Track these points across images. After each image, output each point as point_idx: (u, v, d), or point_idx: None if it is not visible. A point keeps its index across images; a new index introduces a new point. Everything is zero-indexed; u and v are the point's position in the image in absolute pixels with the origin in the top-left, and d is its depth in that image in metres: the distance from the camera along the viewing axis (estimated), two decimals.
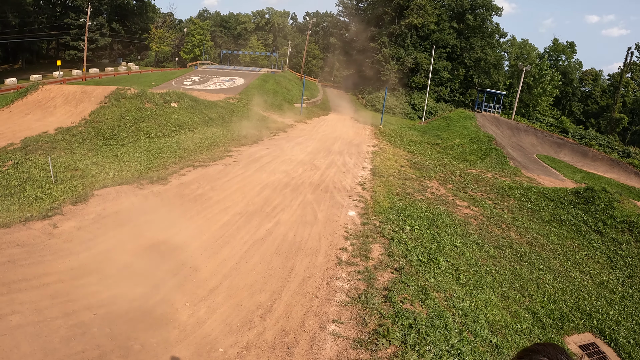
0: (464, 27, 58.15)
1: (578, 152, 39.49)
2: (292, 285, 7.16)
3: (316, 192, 13.13)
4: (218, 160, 15.79)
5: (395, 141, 28.81)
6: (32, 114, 22.40)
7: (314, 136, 25.55)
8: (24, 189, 11.25)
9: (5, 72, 51.73)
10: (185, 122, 22.26)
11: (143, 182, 11.79)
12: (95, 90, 23.69)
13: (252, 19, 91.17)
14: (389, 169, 18.16)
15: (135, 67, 65.47)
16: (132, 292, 6.30)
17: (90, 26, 55.20)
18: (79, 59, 58.10)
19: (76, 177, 12.44)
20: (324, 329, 5.87)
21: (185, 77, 48.00)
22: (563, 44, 68.29)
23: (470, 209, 14.54)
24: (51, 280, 6.36)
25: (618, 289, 10.60)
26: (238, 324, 5.78)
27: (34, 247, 7.37)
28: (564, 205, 15.64)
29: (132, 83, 36.00)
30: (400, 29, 55.35)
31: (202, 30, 78.79)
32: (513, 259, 10.71)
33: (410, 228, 10.72)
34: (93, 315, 5.55)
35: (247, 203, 11.31)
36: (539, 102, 58.69)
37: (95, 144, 17.31)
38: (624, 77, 60.61)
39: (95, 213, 9.34)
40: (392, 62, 53.55)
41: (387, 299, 6.77)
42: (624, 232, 13.80)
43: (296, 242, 9.08)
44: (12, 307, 5.47)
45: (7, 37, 50.52)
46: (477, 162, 25.65)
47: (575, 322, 8.22)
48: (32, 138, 17.22)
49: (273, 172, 15.07)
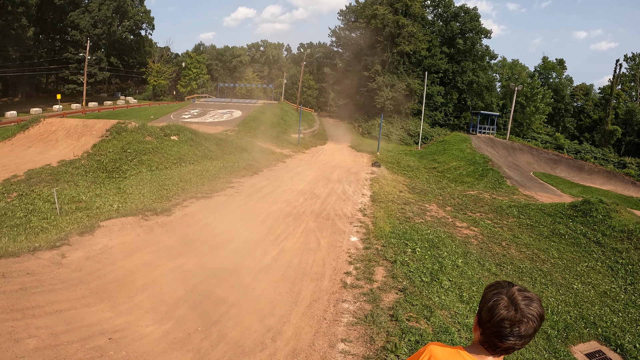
0: (454, 51, 59.53)
1: (574, 166, 39.92)
2: (300, 308, 7.30)
3: (318, 220, 13.33)
4: (220, 191, 16.02)
5: (393, 167, 29.18)
6: (35, 147, 22.74)
7: (312, 165, 25.88)
8: (29, 220, 11.44)
9: (5, 105, 52.48)
10: (186, 155, 22.60)
11: (147, 214, 11.98)
12: (97, 124, 24.12)
13: (247, 51, 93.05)
14: (388, 195, 18.41)
15: (133, 100, 66.40)
16: (143, 319, 6.44)
17: (89, 60, 56.30)
18: (78, 93, 59.06)
19: (81, 208, 12.65)
20: (334, 348, 6.01)
21: (184, 110, 48.74)
22: (553, 62, 69.82)
23: (470, 230, 14.74)
24: (64, 307, 6.51)
25: (621, 296, 10.73)
26: (250, 346, 5.92)
27: (43, 275, 7.54)
28: (563, 220, 15.86)
29: (132, 116, 36.63)
30: (392, 56, 56.64)
31: (198, 63, 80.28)
32: (515, 275, 10.86)
33: (412, 250, 10.90)
34: (108, 340, 5.70)
35: (251, 232, 11.49)
36: (532, 120, 59.60)
37: (98, 177, 17.56)
38: (614, 90, 61.63)
39: (102, 244, 9.51)
40: (386, 90, 54.54)
41: (393, 318, 6.92)
42: (623, 240, 13.99)
43: (301, 268, 9.24)
44: (29, 331, 5.62)
45: (7, 71, 51.46)
46: (475, 183, 25.96)
47: (580, 332, 8.33)
48: (35, 170, 17.48)
49: (274, 202, 15.29)
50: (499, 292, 1.78)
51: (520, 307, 1.70)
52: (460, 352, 1.86)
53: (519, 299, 1.72)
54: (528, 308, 1.70)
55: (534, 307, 1.71)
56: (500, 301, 1.73)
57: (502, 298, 1.74)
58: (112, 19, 65.13)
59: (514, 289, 1.76)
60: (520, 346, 1.75)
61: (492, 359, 1.82)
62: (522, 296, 1.73)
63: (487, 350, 1.81)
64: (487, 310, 1.77)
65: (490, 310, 1.75)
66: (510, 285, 1.79)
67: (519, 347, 1.75)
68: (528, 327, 1.69)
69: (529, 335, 1.72)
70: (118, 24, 67.77)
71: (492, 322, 1.74)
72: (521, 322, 1.69)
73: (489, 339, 1.77)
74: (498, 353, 1.80)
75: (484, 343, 1.81)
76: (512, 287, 1.77)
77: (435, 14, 63.10)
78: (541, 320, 1.74)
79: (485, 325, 1.78)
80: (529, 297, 1.73)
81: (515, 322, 1.69)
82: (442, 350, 1.88)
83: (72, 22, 61.25)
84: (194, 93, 73.19)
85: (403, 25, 55.00)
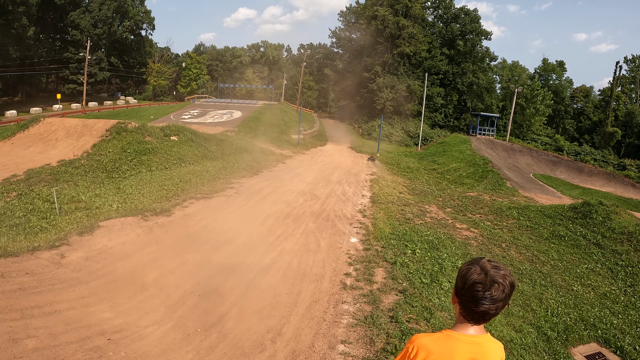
0: (454, 53, 59.60)
1: (574, 168, 39.93)
2: (299, 310, 7.29)
3: (318, 221, 13.31)
4: (220, 192, 16.00)
5: (392, 168, 29.17)
6: (34, 147, 22.71)
7: (312, 166, 25.87)
8: (29, 220, 11.41)
9: (5, 104, 52.49)
10: (186, 155, 22.59)
11: (147, 214, 11.95)
12: (97, 124, 24.09)
13: (247, 52, 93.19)
14: (388, 196, 18.40)
15: (133, 101, 66.46)
16: (143, 319, 6.43)
17: (89, 60, 56.33)
18: (78, 93, 59.09)
19: (80, 208, 12.62)
20: (334, 349, 5.99)
21: (184, 110, 48.74)
22: (553, 64, 69.93)
23: (469, 231, 14.73)
24: (63, 307, 6.49)
25: (621, 298, 10.72)
26: (250, 347, 5.91)
27: (43, 275, 7.51)
28: (563, 222, 15.85)
29: (131, 117, 36.63)
30: (392, 57, 56.66)
31: (198, 64, 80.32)
32: (514, 276, 10.78)
33: (412, 252, 10.89)
34: (107, 341, 5.68)
35: (251, 233, 11.47)
36: (532, 122, 59.66)
37: (97, 177, 17.54)
38: (614, 91, 61.69)
39: (101, 244, 9.49)
40: (386, 91, 54.54)
41: (392, 319, 6.91)
42: (623, 242, 13.98)
43: (301, 269, 9.22)
44: (27, 331, 5.61)
45: (7, 70, 51.48)
46: (475, 185, 25.96)
47: (580, 334, 8.32)
48: (35, 170, 17.44)
49: (274, 202, 15.27)
50: (471, 263, 2.01)
51: (490, 272, 1.91)
52: (448, 332, 2.03)
53: (489, 267, 1.93)
54: (497, 273, 1.91)
55: (502, 273, 1.92)
56: (472, 268, 1.95)
57: (475, 267, 1.96)
58: (113, 19, 65.19)
59: (484, 259, 1.99)
60: (494, 311, 1.94)
61: (473, 328, 1.99)
62: (491, 265, 1.95)
63: (467, 321, 1.99)
64: (461, 278, 1.99)
65: (464, 277, 1.97)
66: (482, 258, 2.02)
67: (494, 312, 1.94)
68: (499, 291, 1.89)
69: (501, 300, 1.91)
70: (118, 24, 67.87)
71: (466, 286, 1.94)
72: (492, 286, 1.89)
73: (466, 305, 1.96)
74: (476, 320, 1.97)
75: (462, 312, 2.00)
76: (483, 259, 2.00)
77: (435, 15, 63.20)
78: (512, 287, 1.94)
79: (461, 293, 1.98)
80: (498, 266, 1.95)
81: (486, 285, 1.90)
82: (430, 338, 2.04)
83: (73, 21, 61.30)
84: (194, 93, 73.23)
85: (403, 27, 55.02)
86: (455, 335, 1.99)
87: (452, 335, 2.00)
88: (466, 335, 1.99)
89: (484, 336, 2.01)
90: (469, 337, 1.99)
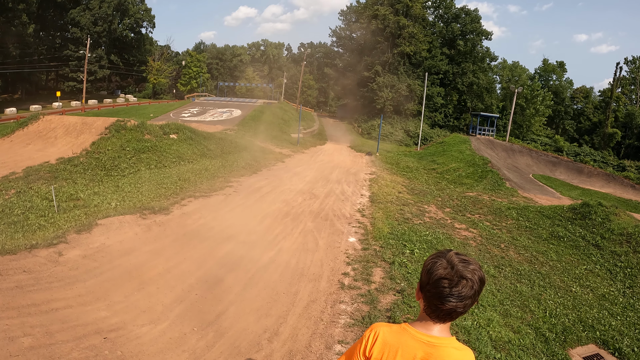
0: (455, 52, 59.61)
1: (573, 169, 39.96)
2: (297, 309, 7.27)
3: (316, 220, 13.29)
4: (218, 190, 15.97)
5: (392, 168, 29.14)
6: (33, 144, 22.68)
7: (312, 166, 25.84)
8: (27, 218, 11.38)
9: (4, 102, 52.45)
10: (185, 154, 22.56)
11: (145, 212, 11.93)
12: (96, 122, 24.05)
13: (247, 51, 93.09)
14: (387, 196, 18.37)
15: (133, 99, 66.39)
16: (139, 318, 6.41)
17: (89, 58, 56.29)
18: (77, 90, 59.07)
19: (79, 206, 12.58)
20: (330, 350, 5.97)
21: (183, 109, 48.71)
22: (553, 64, 69.98)
23: (468, 231, 14.71)
24: (60, 305, 6.47)
25: (619, 300, 10.69)
26: (246, 347, 5.89)
27: (40, 273, 7.49)
28: (562, 222, 15.83)
29: (131, 115, 36.55)
30: (393, 57, 56.64)
31: (198, 62, 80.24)
32: (513, 277, 10.83)
33: (410, 252, 10.87)
34: (103, 339, 5.66)
35: (249, 232, 11.44)
36: (532, 122, 59.68)
37: (96, 175, 17.50)
38: (614, 92, 61.75)
39: (99, 242, 9.46)
40: (386, 90, 54.53)
41: (390, 320, 6.89)
42: (622, 244, 13.95)
43: (299, 269, 9.20)
44: (23, 330, 5.59)
45: (7, 68, 51.47)
46: (474, 185, 25.95)
47: (578, 335, 8.30)
48: (34, 168, 17.41)
49: (273, 201, 15.24)
50: (437, 255, 1.86)
51: (458, 267, 1.76)
52: (406, 327, 1.90)
53: (456, 260, 1.78)
54: (465, 268, 1.76)
55: (471, 268, 1.77)
56: (439, 262, 1.81)
57: (441, 260, 1.81)
58: (113, 17, 65.14)
59: (452, 252, 1.84)
60: (462, 309, 1.77)
61: (437, 328, 1.85)
62: (459, 259, 1.79)
63: (431, 318, 1.85)
64: (425, 273, 1.85)
65: (429, 271, 1.82)
66: (449, 250, 1.86)
67: (461, 310, 1.78)
68: (467, 287, 1.74)
69: (469, 297, 1.75)
70: (118, 22, 67.81)
71: (430, 282, 1.79)
72: (459, 282, 1.74)
73: (431, 302, 1.82)
74: (441, 318, 1.83)
75: (427, 309, 1.85)
76: (450, 252, 1.85)
77: (436, 15, 63.20)
78: (481, 283, 1.78)
79: (425, 288, 1.84)
80: (466, 260, 1.80)
81: (453, 281, 1.74)
82: (388, 328, 1.92)
83: (73, 19, 61.24)
84: (194, 92, 73.15)
85: (404, 26, 55.01)
86: (411, 330, 1.86)
87: (408, 330, 1.87)
88: (423, 334, 1.84)
89: (446, 339, 1.85)
90: (426, 336, 1.84)
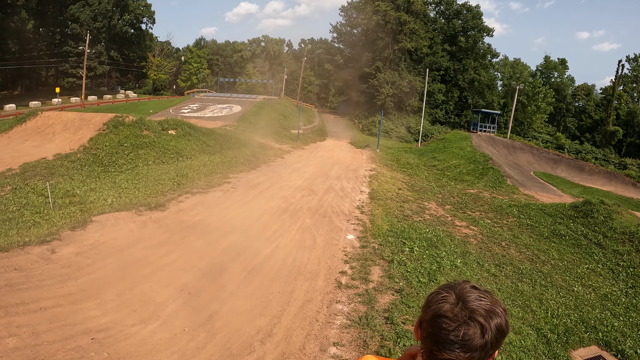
0: (456, 49, 59.26)
1: (574, 167, 39.75)
2: (292, 309, 7.10)
3: (314, 217, 13.12)
4: (216, 187, 15.81)
5: (392, 164, 28.94)
6: (31, 140, 22.51)
7: (311, 162, 25.66)
8: (22, 214, 11.23)
9: (4, 98, 52.25)
10: (183, 150, 22.38)
11: (141, 209, 11.78)
12: (94, 118, 23.86)
13: (248, 47, 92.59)
14: (387, 192, 18.18)
15: (133, 95, 66.06)
16: (130, 317, 6.25)
17: (89, 54, 56.05)
18: (77, 87, 58.83)
19: (74, 203, 12.43)
20: (325, 352, 5.80)
21: (183, 104, 48.47)
22: (555, 61, 69.57)
23: (469, 229, 14.52)
24: (49, 304, 6.32)
25: (622, 300, 10.51)
26: (238, 349, 5.71)
27: (32, 271, 7.34)
28: (563, 220, 15.64)
29: (130, 111, 36.36)
30: (394, 53, 56.30)
31: (199, 58, 79.88)
32: (514, 276, 10.65)
33: (410, 250, 10.69)
34: (91, 340, 5.50)
35: (246, 229, 11.28)
36: (533, 119, 59.34)
37: (93, 171, 17.35)
38: (616, 90, 61.46)
39: (93, 239, 9.31)
40: (387, 87, 54.25)
41: (388, 321, 6.72)
42: (625, 243, 13.76)
43: (295, 267, 9.03)
44: (10, 330, 5.44)
45: (6, 64, 51.25)
46: (475, 182, 25.75)
47: (580, 336, 8.12)
48: (30, 164, 17.26)
49: (271, 198, 15.08)
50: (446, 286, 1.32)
51: (469, 304, 1.21)
52: None
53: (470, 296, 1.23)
54: (479, 307, 1.20)
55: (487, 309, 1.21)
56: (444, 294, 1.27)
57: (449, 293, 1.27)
58: (113, 13, 64.84)
59: (467, 284, 1.29)
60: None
61: None
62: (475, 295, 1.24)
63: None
64: (426, 305, 1.32)
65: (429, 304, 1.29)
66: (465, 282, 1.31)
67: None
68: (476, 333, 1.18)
69: (477, 348, 1.18)
70: (118, 18, 67.48)
71: (428, 318, 1.27)
72: (465, 323, 1.18)
73: (426, 346, 1.28)
74: None
75: (423, 354, 1.32)
76: (466, 283, 1.30)
77: (437, 11, 62.80)
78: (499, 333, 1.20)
79: (422, 326, 1.31)
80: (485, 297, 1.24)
81: (457, 321, 1.19)
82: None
83: (72, 15, 60.95)
84: (194, 88, 72.86)
85: (405, 22, 54.67)
86: None
87: None
88: None
89: None
90: None
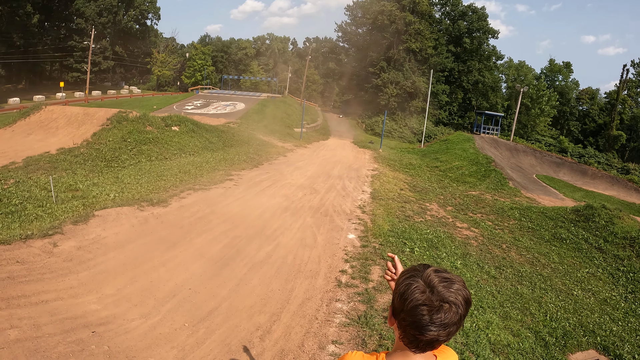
0: (461, 50, 59.21)
1: (577, 170, 39.71)
2: (291, 307, 7.12)
3: (316, 216, 13.15)
4: (218, 183, 15.84)
5: (394, 165, 28.94)
6: (35, 134, 22.62)
7: (313, 160, 25.69)
8: (24, 208, 11.27)
9: (8, 91, 52.43)
10: (186, 146, 22.43)
11: (143, 204, 11.81)
12: (98, 113, 23.95)
13: (252, 44, 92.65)
14: (389, 192, 18.20)
15: (137, 90, 66.30)
16: (130, 312, 6.28)
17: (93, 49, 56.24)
18: (81, 81, 59.06)
19: (77, 197, 12.47)
20: (324, 350, 5.83)
21: (187, 101, 48.57)
22: (559, 65, 69.42)
23: (470, 231, 14.54)
24: (50, 297, 6.36)
25: (621, 305, 10.53)
26: (237, 345, 5.75)
27: (33, 264, 7.38)
28: (564, 224, 15.65)
29: (134, 106, 36.45)
30: (398, 53, 56.27)
31: (203, 55, 79.99)
32: (514, 278, 10.66)
33: (410, 250, 10.71)
34: (92, 333, 5.53)
35: (247, 226, 11.31)
36: (537, 122, 59.26)
37: (96, 166, 17.41)
38: (620, 95, 61.39)
39: (95, 233, 9.35)
40: (391, 87, 54.24)
41: (386, 321, 6.74)
42: (625, 248, 13.77)
43: (296, 265, 9.06)
44: (11, 322, 5.48)
45: (11, 58, 51.43)
46: (477, 183, 25.75)
47: (579, 340, 8.13)
48: (34, 158, 17.35)
49: (273, 196, 15.11)
50: (412, 275, 1.52)
51: (438, 289, 1.43)
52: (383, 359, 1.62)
53: (436, 280, 1.45)
54: (447, 289, 1.44)
55: (455, 288, 1.45)
56: (414, 285, 1.47)
57: (417, 281, 1.48)
58: (118, 8, 65.02)
59: (429, 269, 1.50)
60: (445, 337, 1.46)
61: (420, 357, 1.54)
62: (439, 278, 1.46)
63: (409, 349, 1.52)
64: (399, 297, 1.51)
65: (403, 296, 1.48)
66: (426, 267, 1.52)
67: (444, 338, 1.46)
68: (450, 313, 1.42)
69: (454, 323, 1.44)
70: (124, 13, 67.65)
71: (406, 309, 1.47)
72: (441, 307, 1.42)
73: (407, 332, 1.49)
74: (422, 349, 1.51)
75: (403, 339, 1.53)
76: (427, 269, 1.51)
77: (442, 12, 62.79)
78: (467, 304, 1.46)
79: (400, 316, 1.51)
80: (448, 278, 1.47)
81: (433, 307, 1.42)
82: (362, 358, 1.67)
83: (78, 10, 61.12)
84: (198, 84, 72.95)
85: (410, 23, 54.62)
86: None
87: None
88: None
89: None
90: None
